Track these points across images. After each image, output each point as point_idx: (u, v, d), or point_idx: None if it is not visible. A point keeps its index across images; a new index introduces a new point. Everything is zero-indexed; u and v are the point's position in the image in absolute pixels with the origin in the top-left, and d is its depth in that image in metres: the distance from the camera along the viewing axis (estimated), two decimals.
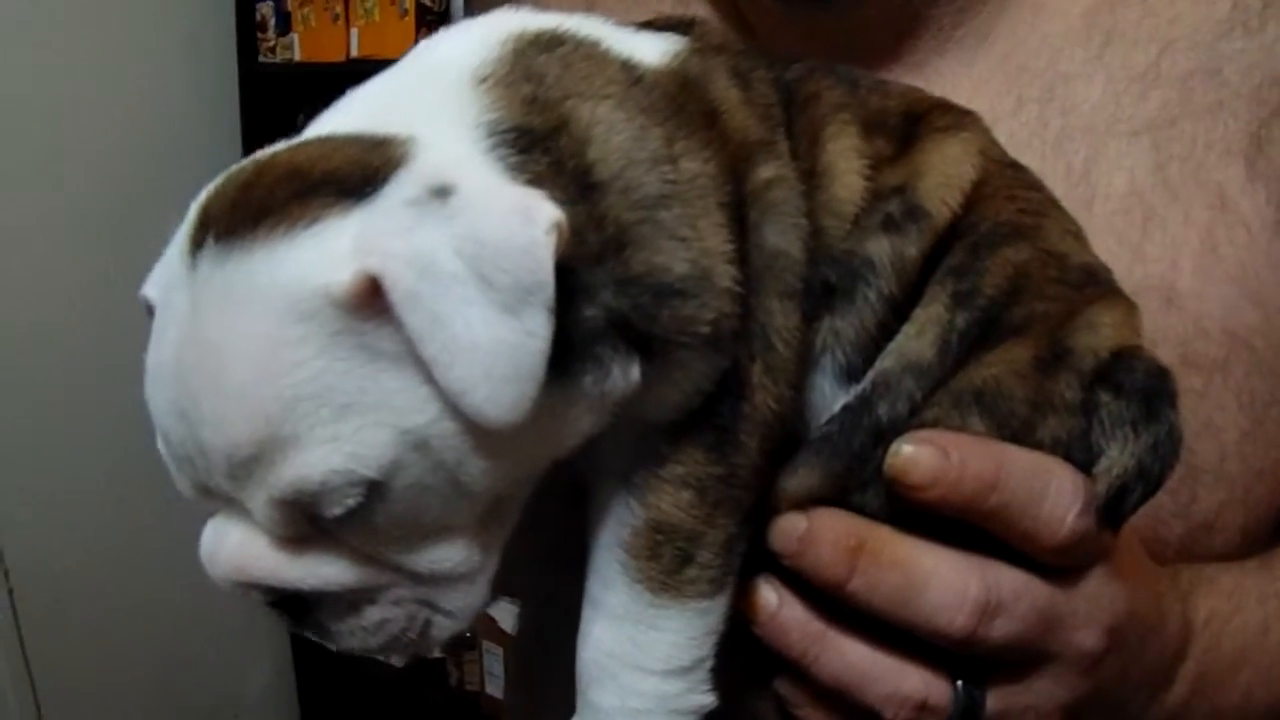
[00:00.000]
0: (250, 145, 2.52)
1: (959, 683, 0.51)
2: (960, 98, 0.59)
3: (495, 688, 2.41)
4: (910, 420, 0.51)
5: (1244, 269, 0.67)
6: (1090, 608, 0.52)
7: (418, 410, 0.41)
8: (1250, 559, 0.66)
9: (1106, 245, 0.57)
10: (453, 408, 0.41)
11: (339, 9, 2.44)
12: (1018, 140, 0.57)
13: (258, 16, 2.54)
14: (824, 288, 0.51)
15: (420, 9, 2.32)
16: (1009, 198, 0.55)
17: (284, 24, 2.52)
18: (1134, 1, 0.71)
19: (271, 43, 2.54)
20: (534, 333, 0.40)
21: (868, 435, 0.51)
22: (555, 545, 0.53)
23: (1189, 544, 0.65)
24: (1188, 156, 0.68)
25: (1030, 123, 0.68)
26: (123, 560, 2.30)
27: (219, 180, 0.45)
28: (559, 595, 0.56)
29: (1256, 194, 0.67)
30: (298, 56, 2.51)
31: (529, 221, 0.40)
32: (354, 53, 2.42)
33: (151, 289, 0.46)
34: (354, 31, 2.42)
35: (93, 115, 2.27)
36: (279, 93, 2.52)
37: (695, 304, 0.45)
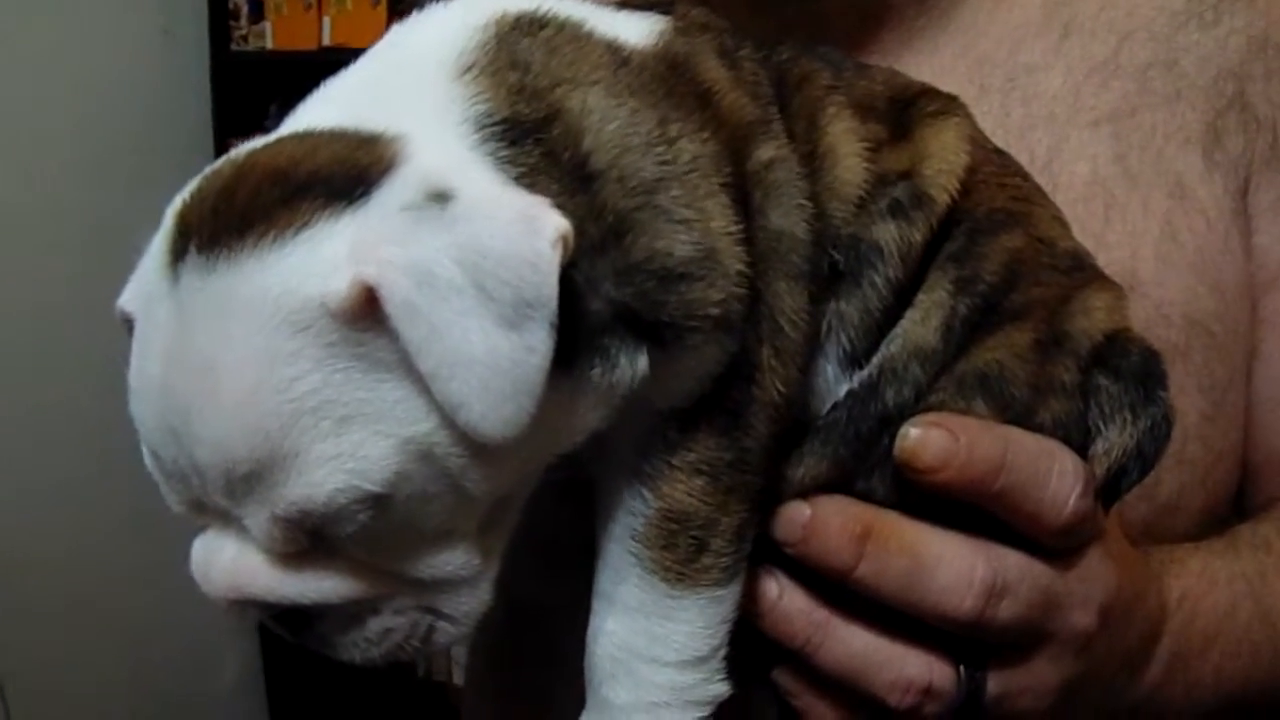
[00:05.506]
0: (223, 133, 2.48)
1: (961, 667, 0.50)
2: None
3: (463, 677, 2.40)
4: (916, 406, 0.50)
5: (1202, 256, 0.68)
6: (1086, 588, 0.52)
7: (420, 419, 0.39)
8: (1216, 540, 0.66)
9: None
10: None
11: None
12: (982, 129, 0.58)
13: (231, 4, 2.50)
14: (831, 271, 0.50)
15: None
16: (1000, 185, 0.55)
17: (257, 12, 2.48)
18: None
19: (244, 31, 2.49)
20: (534, 348, 0.38)
21: (875, 421, 0.50)
22: (542, 545, 0.51)
23: (1152, 525, 0.65)
24: (1147, 146, 0.69)
25: (993, 112, 0.68)
26: (91, 555, 2.23)
27: (194, 185, 0.42)
28: (540, 596, 0.55)
29: (1214, 183, 0.69)
30: (270, 45, 2.47)
31: (533, 232, 0.38)
32: (326, 41, 2.39)
33: (130, 302, 0.43)
34: (326, 20, 2.39)
35: (65, 103, 2.21)
36: (251, 81, 2.49)
37: (702, 286, 0.43)
